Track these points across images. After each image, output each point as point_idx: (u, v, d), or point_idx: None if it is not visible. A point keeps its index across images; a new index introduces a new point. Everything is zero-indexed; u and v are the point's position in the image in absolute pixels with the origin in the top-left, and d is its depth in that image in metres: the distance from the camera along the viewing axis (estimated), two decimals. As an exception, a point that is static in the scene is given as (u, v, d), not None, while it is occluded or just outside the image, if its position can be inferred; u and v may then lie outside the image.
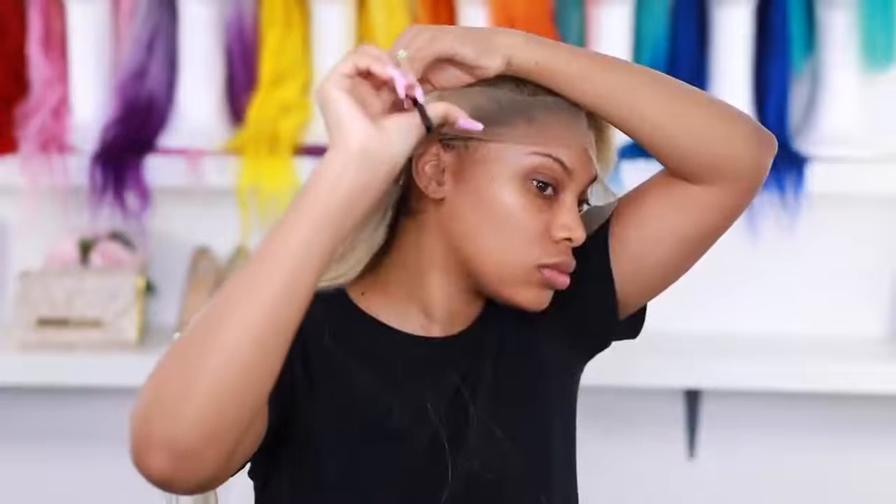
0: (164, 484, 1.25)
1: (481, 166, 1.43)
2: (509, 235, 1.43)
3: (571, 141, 1.44)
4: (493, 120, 1.40)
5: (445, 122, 1.32)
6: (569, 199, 1.45)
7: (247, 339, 1.23)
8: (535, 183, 1.43)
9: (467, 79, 1.41)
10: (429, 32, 1.39)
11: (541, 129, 1.43)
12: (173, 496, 1.57)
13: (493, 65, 1.39)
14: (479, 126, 1.35)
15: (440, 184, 1.44)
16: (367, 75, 1.29)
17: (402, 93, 1.29)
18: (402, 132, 1.28)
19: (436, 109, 1.31)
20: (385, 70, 1.29)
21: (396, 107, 1.31)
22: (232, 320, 1.23)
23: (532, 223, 1.43)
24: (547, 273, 1.44)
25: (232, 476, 1.36)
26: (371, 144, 1.26)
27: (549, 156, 1.43)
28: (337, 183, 1.25)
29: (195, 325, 1.25)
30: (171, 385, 1.23)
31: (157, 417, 1.22)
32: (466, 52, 1.39)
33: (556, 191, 1.44)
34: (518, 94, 1.42)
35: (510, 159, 1.43)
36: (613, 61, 1.44)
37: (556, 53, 1.41)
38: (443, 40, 1.38)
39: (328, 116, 1.27)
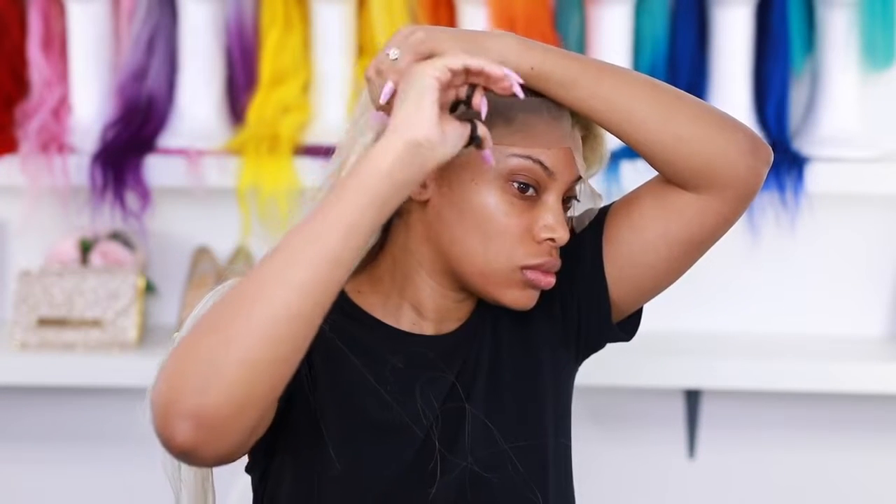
0: (187, 454, 1.26)
1: (462, 169, 1.44)
2: (491, 237, 1.44)
3: (552, 141, 1.44)
4: None
5: (479, 145, 1.37)
6: (551, 199, 1.45)
7: (295, 305, 1.26)
8: (515, 184, 1.44)
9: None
10: (422, 33, 1.40)
11: (520, 130, 1.43)
12: (178, 491, 1.57)
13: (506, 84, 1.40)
14: (492, 161, 1.41)
15: (423, 186, 1.45)
16: (463, 73, 1.34)
17: (519, 93, 1.36)
18: (455, 138, 1.34)
19: (482, 130, 1.36)
20: (500, 70, 1.34)
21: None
22: (275, 288, 1.26)
23: (514, 224, 1.44)
24: (530, 274, 1.45)
25: (246, 453, 1.36)
26: (431, 140, 1.31)
27: (529, 157, 1.44)
28: (394, 167, 1.30)
29: (230, 296, 1.27)
30: (203, 354, 1.24)
31: (187, 386, 1.24)
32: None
33: (538, 191, 1.45)
34: (498, 94, 1.42)
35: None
36: (608, 67, 1.44)
37: (550, 58, 1.41)
38: (435, 42, 1.39)
39: (411, 96, 1.32)
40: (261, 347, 1.25)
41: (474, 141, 1.36)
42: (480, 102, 1.36)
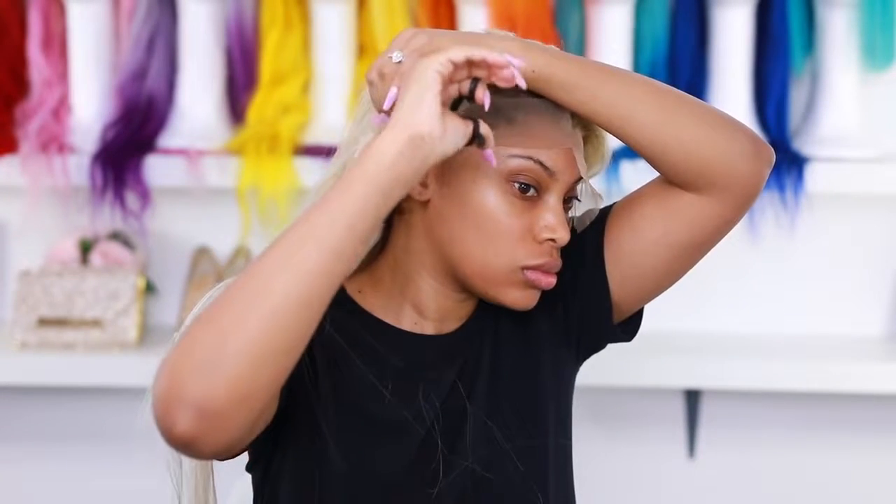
0: (187, 445, 1.25)
1: (463, 169, 1.44)
2: (492, 238, 1.44)
3: (553, 142, 1.44)
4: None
5: (481, 145, 1.36)
6: (552, 199, 1.45)
7: (294, 294, 1.26)
8: (516, 185, 1.44)
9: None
10: (425, 35, 1.40)
11: (521, 130, 1.43)
12: (180, 488, 1.57)
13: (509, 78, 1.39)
14: (494, 161, 1.39)
15: (424, 186, 1.45)
16: (465, 65, 1.34)
17: (521, 82, 1.35)
18: (456, 134, 1.34)
19: (485, 129, 1.36)
20: (502, 57, 1.34)
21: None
22: (276, 277, 1.26)
23: (514, 225, 1.44)
24: (531, 274, 1.45)
25: (243, 451, 1.36)
26: (433, 135, 1.31)
27: (530, 158, 1.43)
28: (396, 160, 1.30)
29: (231, 289, 1.27)
30: (204, 346, 1.24)
31: (188, 377, 1.23)
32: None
33: (538, 192, 1.45)
34: (499, 95, 1.42)
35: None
36: (610, 70, 1.44)
37: (552, 61, 1.41)
38: (438, 44, 1.39)
39: (412, 91, 1.32)
40: (259, 339, 1.25)
41: (477, 139, 1.36)
42: (483, 96, 1.36)
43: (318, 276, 1.27)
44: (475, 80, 1.36)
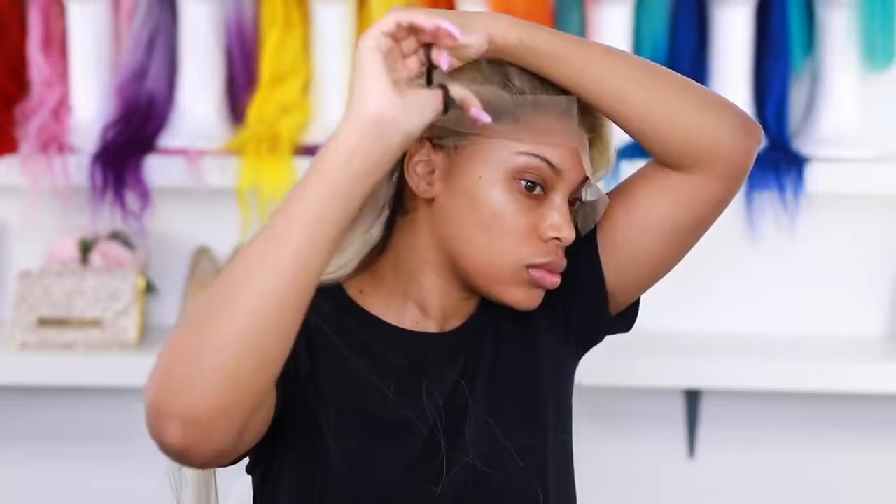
0: (179, 455, 1.25)
1: (469, 166, 1.43)
2: (497, 236, 1.43)
3: (560, 140, 1.44)
4: None
5: (461, 107, 1.33)
6: (558, 198, 1.45)
7: (262, 307, 1.23)
8: (523, 183, 1.43)
9: (453, 62, 1.38)
10: (409, 12, 1.38)
11: (528, 128, 1.43)
12: (179, 492, 1.57)
13: (474, 43, 1.37)
14: (487, 118, 1.36)
15: (430, 184, 1.44)
16: (406, 34, 1.31)
17: (458, 34, 1.31)
18: (420, 106, 1.29)
19: (457, 92, 1.32)
20: (430, 21, 1.31)
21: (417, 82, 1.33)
22: (248, 289, 1.24)
23: (520, 223, 1.43)
24: (536, 273, 1.45)
25: (243, 455, 1.36)
26: (388, 114, 1.27)
27: (537, 155, 1.43)
28: (352, 155, 1.26)
29: (209, 296, 1.25)
30: (187, 354, 1.23)
31: (174, 386, 1.23)
32: None
33: (545, 190, 1.44)
34: (506, 92, 1.42)
35: (498, 159, 1.43)
36: (598, 45, 1.44)
37: (538, 33, 1.41)
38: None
39: (357, 75, 1.28)
40: (232, 356, 1.23)
41: (450, 104, 1.32)
42: (440, 57, 1.33)
43: (284, 290, 1.24)
44: (428, 46, 1.34)
